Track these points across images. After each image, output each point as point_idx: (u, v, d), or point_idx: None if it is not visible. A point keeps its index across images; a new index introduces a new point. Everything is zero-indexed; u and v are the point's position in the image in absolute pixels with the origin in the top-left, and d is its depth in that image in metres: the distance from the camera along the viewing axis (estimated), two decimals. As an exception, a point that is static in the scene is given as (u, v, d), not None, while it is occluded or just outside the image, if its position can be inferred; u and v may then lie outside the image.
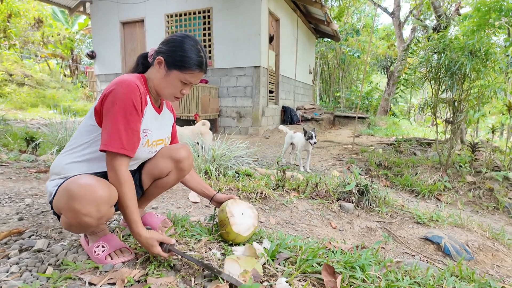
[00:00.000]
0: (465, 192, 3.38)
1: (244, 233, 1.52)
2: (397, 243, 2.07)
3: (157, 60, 1.33)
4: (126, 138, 1.18)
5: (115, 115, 1.18)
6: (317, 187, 2.60)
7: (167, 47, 1.35)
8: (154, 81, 1.38)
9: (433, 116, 3.78)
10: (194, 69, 1.34)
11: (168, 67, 1.33)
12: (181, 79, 1.34)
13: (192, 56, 1.33)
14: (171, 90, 1.38)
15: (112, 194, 1.16)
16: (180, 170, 1.52)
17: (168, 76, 1.34)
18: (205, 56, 1.40)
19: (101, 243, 1.33)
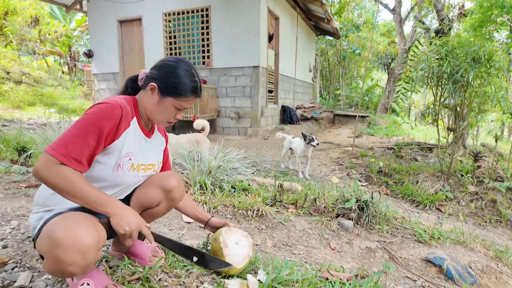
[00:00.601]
0: (467, 202, 3.30)
1: (238, 264, 1.45)
2: (397, 265, 2.00)
3: (150, 87, 1.27)
4: (72, 148, 1.07)
5: (75, 124, 1.12)
6: (315, 202, 2.53)
7: (159, 72, 1.28)
8: (146, 106, 1.31)
9: (435, 124, 3.69)
10: (189, 95, 1.29)
11: (161, 94, 1.27)
12: (175, 105, 1.29)
13: (186, 82, 1.27)
14: (165, 116, 1.32)
15: (101, 237, 1.09)
16: (171, 200, 1.45)
17: (161, 103, 1.28)
18: (199, 80, 1.34)
19: (86, 281, 1.25)
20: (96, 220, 1.15)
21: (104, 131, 1.13)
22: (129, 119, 1.25)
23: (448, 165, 3.61)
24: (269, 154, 5.73)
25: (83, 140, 1.08)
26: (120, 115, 1.19)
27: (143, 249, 1.56)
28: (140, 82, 1.34)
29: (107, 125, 1.14)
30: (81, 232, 1.02)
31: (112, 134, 1.18)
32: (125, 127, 1.23)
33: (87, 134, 1.09)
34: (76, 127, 1.10)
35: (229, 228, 1.57)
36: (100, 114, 1.14)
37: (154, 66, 1.32)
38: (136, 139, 1.31)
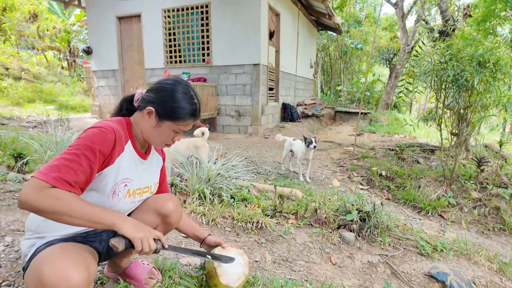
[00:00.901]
0: (470, 209, 3.26)
1: (233, 284, 1.41)
2: (400, 281, 1.96)
3: (147, 110, 1.22)
4: (66, 171, 1.00)
5: (67, 149, 1.06)
6: (316, 212, 2.48)
7: (157, 96, 1.23)
8: (143, 129, 1.27)
9: (438, 128, 3.63)
10: (188, 119, 1.25)
11: (159, 118, 1.23)
12: (173, 129, 1.25)
13: (185, 105, 1.23)
14: (162, 139, 1.29)
15: (91, 274, 1.03)
16: (168, 225, 1.41)
17: (159, 127, 1.24)
18: (199, 102, 1.29)
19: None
20: (88, 253, 1.11)
21: (98, 155, 1.08)
22: (123, 144, 1.20)
23: (450, 169, 3.55)
24: (269, 155, 5.68)
25: (77, 163, 1.02)
26: (114, 140, 1.14)
27: (139, 270, 1.53)
28: (136, 103, 1.29)
29: (101, 149, 1.09)
30: (69, 270, 0.97)
31: (105, 159, 1.13)
32: (119, 152, 1.18)
33: (80, 158, 1.03)
34: (68, 151, 1.04)
35: (221, 249, 1.54)
36: (94, 139, 1.08)
37: (151, 89, 1.26)
38: (132, 163, 1.26)
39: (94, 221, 1.02)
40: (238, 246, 2.05)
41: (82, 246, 1.17)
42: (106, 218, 1.04)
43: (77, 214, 0.99)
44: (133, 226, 1.09)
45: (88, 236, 1.26)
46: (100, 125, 1.14)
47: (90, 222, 1.02)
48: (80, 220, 1.00)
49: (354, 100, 17.52)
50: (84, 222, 1.01)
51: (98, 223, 1.03)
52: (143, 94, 1.28)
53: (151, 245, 1.12)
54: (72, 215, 0.98)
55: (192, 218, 2.30)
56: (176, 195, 2.64)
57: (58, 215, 0.97)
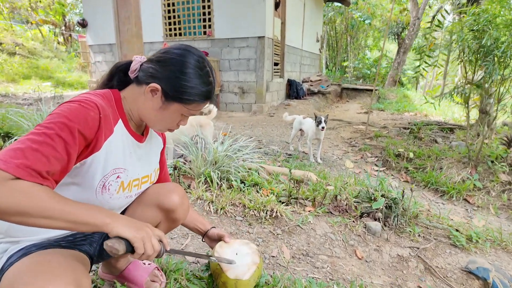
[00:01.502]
0: (498, 193, 3.01)
1: (244, 275, 1.19)
2: (435, 278, 1.73)
3: (150, 88, 0.92)
4: (34, 157, 0.71)
5: (36, 128, 0.77)
6: (336, 199, 2.23)
7: (163, 70, 0.93)
8: (142, 109, 0.98)
9: (465, 105, 3.31)
10: (201, 102, 0.97)
11: (165, 99, 0.94)
12: (182, 112, 0.98)
13: (199, 85, 0.94)
14: (166, 124, 1.01)
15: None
16: (172, 221, 1.15)
17: (165, 110, 0.96)
18: (214, 79, 0.99)
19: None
20: (77, 263, 0.86)
21: (77, 138, 0.79)
22: (111, 125, 0.92)
23: (476, 151, 3.27)
24: (276, 134, 5.40)
25: (49, 147, 0.74)
26: (98, 119, 0.85)
27: (139, 272, 1.29)
28: (133, 74, 0.98)
29: (82, 130, 0.80)
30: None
31: (89, 144, 0.85)
32: (106, 134, 0.90)
33: (54, 140, 0.75)
34: (37, 131, 0.76)
35: (223, 243, 1.32)
36: (71, 115, 0.80)
37: (156, 59, 0.95)
38: (125, 149, 0.98)
39: (78, 221, 0.75)
40: (251, 238, 1.81)
41: (69, 253, 0.92)
42: (94, 216, 0.78)
43: (53, 214, 0.72)
44: (130, 225, 0.83)
45: (76, 239, 1.01)
46: (79, 99, 0.85)
47: (73, 224, 0.75)
48: (58, 222, 0.73)
49: (360, 77, 16.98)
50: (64, 224, 0.74)
51: (84, 224, 0.76)
52: (144, 63, 0.97)
53: (155, 246, 0.86)
54: (46, 216, 0.71)
55: (198, 206, 2.06)
56: (180, 179, 2.39)
57: (27, 217, 0.70)
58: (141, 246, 0.83)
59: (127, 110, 0.99)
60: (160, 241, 0.92)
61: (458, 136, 4.42)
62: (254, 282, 1.24)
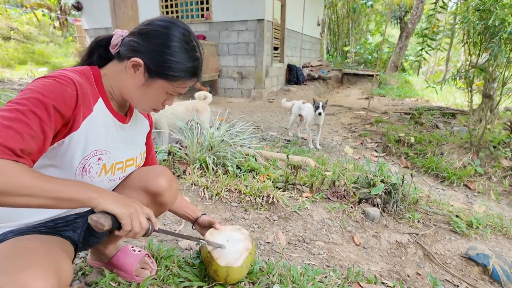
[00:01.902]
0: (499, 179, 2.96)
1: (235, 262, 1.15)
2: (434, 264, 1.70)
3: (132, 63, 0.85)
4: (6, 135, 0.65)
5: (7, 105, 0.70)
6: (334, 185, 2.18)
7: (147, 43, 0.86)
8: (124, 87, 0.91)
9: (468, 89, 3.22)
10: (188, 79, 0.90)
11: (149, 75, 0.87)
12: (167, 90, 0.90)
13: (185, 60, 0.87)
14: (151, 103, 0.94)
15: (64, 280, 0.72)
16: (159, 206, 1.09)
17: (148, 86, 0.89)
18: (201, 55, 0.92)
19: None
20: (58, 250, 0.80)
21: (53, 115, 0.73)
22: (90, 103, 0.85)
23: (479, 136, 3.20)
24: (275, 120, 5.32)
25: (22, 124, 0.68)
26: (75, 96, 0.79)
27: (129, 259, 1.24)
28: (114, 48, 0.90)
29: (58, 106, 0.74)
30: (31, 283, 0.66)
31: (66, 123, 0.79)
32: (85, 113, 0.83)
33: (28, 117, 0.69)
34: (8, 107, 0.69)
35: (214, 230, 1.28)
36: (45, 91, 0.73)
37: (138, 32, 0.88)
38: (107, 129, 0.92)
39: (61, 197, 0.70)
40: (247, 224, 1.77)
41: (49, 239, 0.87)
42: (79, 191, 0.73)
43: (33, 192, 0.66)
44: (117, 200, 0.79)
45: (57, 224, 0.95)
46: (54, 75, 0.78)
47: (55, 200, 0.69)
48: (38, 199, 0.67)
49: (362, 62, 16.73)
50: (45, 201, 0.68)
51: (67, 200, 0.71)
52: (125, 37, 0.90)
53: (143, 223, 0.82)
54: (25, 194, 0.66)
55: (193, 192, 2.01)
56: (175, 165, 2.33)
57: (4, 196, 0.64)
58: (128, 223, 0.79)
59: (108, 88, 0.92)
60: (149, 220, 0.87)
61: (460, 122, 4.35)
62: (246, 268, 1.20)
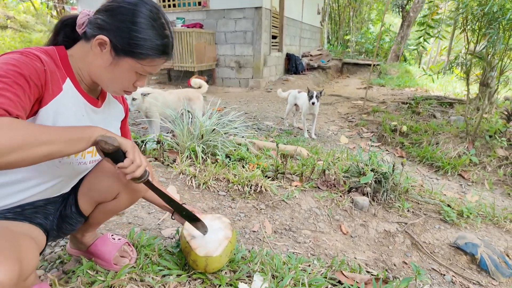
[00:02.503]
0: (494, 168, 2.93)
1: (214, 252, 1.13)
2: (422, 253, 1.68)
3: (98, 41, 0.82)
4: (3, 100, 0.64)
5: None
6: (324, 174, 2.15)
7: (111, 19, 0.83)
8: (92, 68, 0.88)
9: (466, 77, 3.16)
10: (156, 57, 0.86)
11: (115, 53, 0.84)
12: (136, 70, 0.87)
13: (153, 37, 0.84)
14: (120, 83, 0.90)
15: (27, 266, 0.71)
16: (133, 192, 1.07)
17: (116, 66, 0.85)
18: (171, 34, 0.89)
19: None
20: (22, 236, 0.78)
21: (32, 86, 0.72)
22: (58, 82, 0.83)
23: (475, 126, 3.16)
24: (271, 109, 5.27)
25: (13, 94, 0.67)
26: (44, 71, 0.76)
27: (107, 247, 1.23)
28: (80, 28, 0.87)
29: (33, 77, 0.73)
30: None
31: (39, 96, 0.76)
32: (54, 91, 0.81)
33: (14, 87, 0.67)
34: None
35: None
36: (19, 64, 0.71)
37: (104, 8, 0.84)
38: (77, 111, 0.89)
39: (74, 138, 0.73)
40: (233, 213, 1.75)
41: (14, 225, 0.85)
42: (82, 129, 0.76)
43: (49, 137, 0.67)
44: None
45: (25, 210, 0.93)
46: (20, 51, 0.76)
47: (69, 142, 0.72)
48: (56, 145, 0.68)
49: (363, 52, 16.53)
50: (61, 145, 0.70)
51: (78, 140, 0.74)
52: (91, 15, 0.86)
53: (142, 159, 0.85)
54: (45, 141, 0.66)
55: (180, 181, 1.99)
56: (164, 154, 2.31)
57: (27, 148, 0.63)
58: (133, 154, 0.83)
59: (76, 70, 0.89)
60: None
61: (457, 111, 4.30)
62: (226, 257, 1.18)
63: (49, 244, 1.34)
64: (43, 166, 0.85)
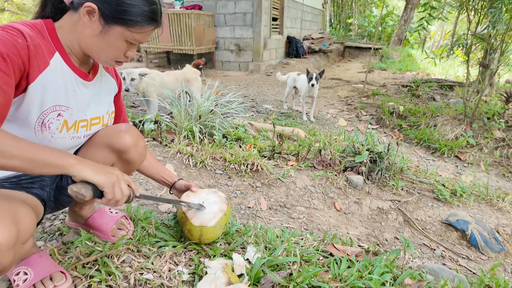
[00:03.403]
0: (490, 150, 2.94)
1: (209, 222, 1.18)
2: (413, 229, 1.72)
3: (86, 8, 0.82)
4: None
5: None
6: (320, 153, 2.17)
7: None
8: (82, 38, 0.88)
9: (466, 58, 3.13)
10: (145, 24, 0.86)
11: (105, 21, 0.83)
12: (126, 38, 0.87)
13: (140, 3, 0.84)
14: (112, 53, 0.90)
15: (24, 229, 0.75)
16: (127, 163, 1.09)
17: (106, 34, 0.85)
18: (159, 1, 0.89)
19: (22, 269, 0.98)
20: (19, 203, 0.81)
21: (10, 64, 0.71)
22: (45, 56, 0.82)
23: (473, 108, 3.15)
24: (271, 93, 5.25)
25: None
26: (26, 46, 0.76)
27: (105, 220, 1.26)
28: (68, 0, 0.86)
29: (12, 55, 0.72)
30: None
31: (22, 74, 0.77)
32: (40, 66, 0.81)
33: None
34: None
35: (190, 192, 1.29)
36: None
37: None
38: (67, 85, 0.90)
39: (38, 160, 0.70)
40: (230, 191, 1.78)
41: (11, 192, 0.88)
42: (57, 156, 0.74)
43: (10, 151, 0.67)
44: (98, 168, 0.80)
45: (21, 180, 0.95)
46: (1, 26, 0.76)
47: (32, 163, 0.70)
48: (15, 160, 0.68)
49: (365, 35, 16.28)
50: (22, 162, 0.69)
51: (45, 164, 0.72)
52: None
53: (124, 190, 0.84)
54: (2, 153, 0.66)
55: (177, 160, 2.02)
56: (162, 135, 2.33)
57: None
58: (111, 191, 0.81)
59: (65, 42, 0.89)
60: (129, 187, 0.88)
61: (457, 94, 4.27)
62: (220, 229, 1.22)
63: (48, 217, 1.38)
64: (37, 141, 0.86)
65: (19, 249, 0.79)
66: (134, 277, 1.06)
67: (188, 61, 6.84)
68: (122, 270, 1.08)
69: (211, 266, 1.13)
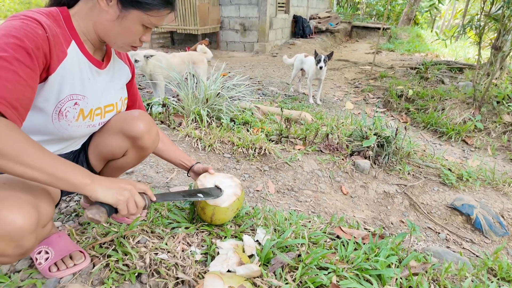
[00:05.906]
0: (498, 134, 2.93)
1: (222, 203, 1.20)
2: (419, 213, 1.75)
3: None
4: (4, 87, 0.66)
5: None
6: (327, 138, 2.18)
7: None
8: (98, 24, 0.87)
9: (477, 39, 3.06)
10: (162, 8, 0.86)
11: (122, 5, 0.83)
12: (143, 22, 0.87)
13: None
14: (128, 38, 0.90)
15: (44, 214, 0.77)
16: (140, 149, 1.11)
17: (123, 19, 0.85)
18: None
19: (43, 248, 1.02)
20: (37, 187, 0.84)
21: (34, 58, 0.72)
22: (62, 46, 0.83)
23: (483, 91, 3.11)
24: (277, 75, 5.20)
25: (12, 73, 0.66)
26: (46, 38, 0.76)
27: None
28: None
29: (37, 49, 0.72)
30: (9, 211, 0.69)
31: (43, 65, 0.77)
32: (59, 56, 0.81)
33: (14, 65, 0.67)
34: None
35: (208, 174, 1.31)
36: (20, 35, 0.70)
37: None
38: (83, 74, 0.90)
39: (58, 175, 0.70)
40: (238, 174, 1.81)
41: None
42: (73, 174, 0.73)
43: (34, 163, 0.67)
44: (111, 186, 0.80)
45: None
46: (20, 17, 0.75)
47: (52, 178, 0.70)
48: (36, 172, 0.68)
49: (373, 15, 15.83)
50: (42, 176, 0.69)
51: (62, 181, 0.72)
52: None
53: (139, 203, 0.85)
54: (23, 162, 0.66)
55: (186, 143, 2.04)
56: (170, 118, 2.34)
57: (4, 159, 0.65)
58: (124, 208, 0.82)
59: (81, 29, 0.89)
60: (145, 194, 0.90)
61: (466, 76, 4.20)
62: (232, 212, 1.25)
63: (63, 199, 1.42)
64: (54, 129, 0.88)
65: (40, 232, 0.82)
66: (149, 257, 1.11)
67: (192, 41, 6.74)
68: (137, 250, 1.12)
69: (222, 247, 1.17)
